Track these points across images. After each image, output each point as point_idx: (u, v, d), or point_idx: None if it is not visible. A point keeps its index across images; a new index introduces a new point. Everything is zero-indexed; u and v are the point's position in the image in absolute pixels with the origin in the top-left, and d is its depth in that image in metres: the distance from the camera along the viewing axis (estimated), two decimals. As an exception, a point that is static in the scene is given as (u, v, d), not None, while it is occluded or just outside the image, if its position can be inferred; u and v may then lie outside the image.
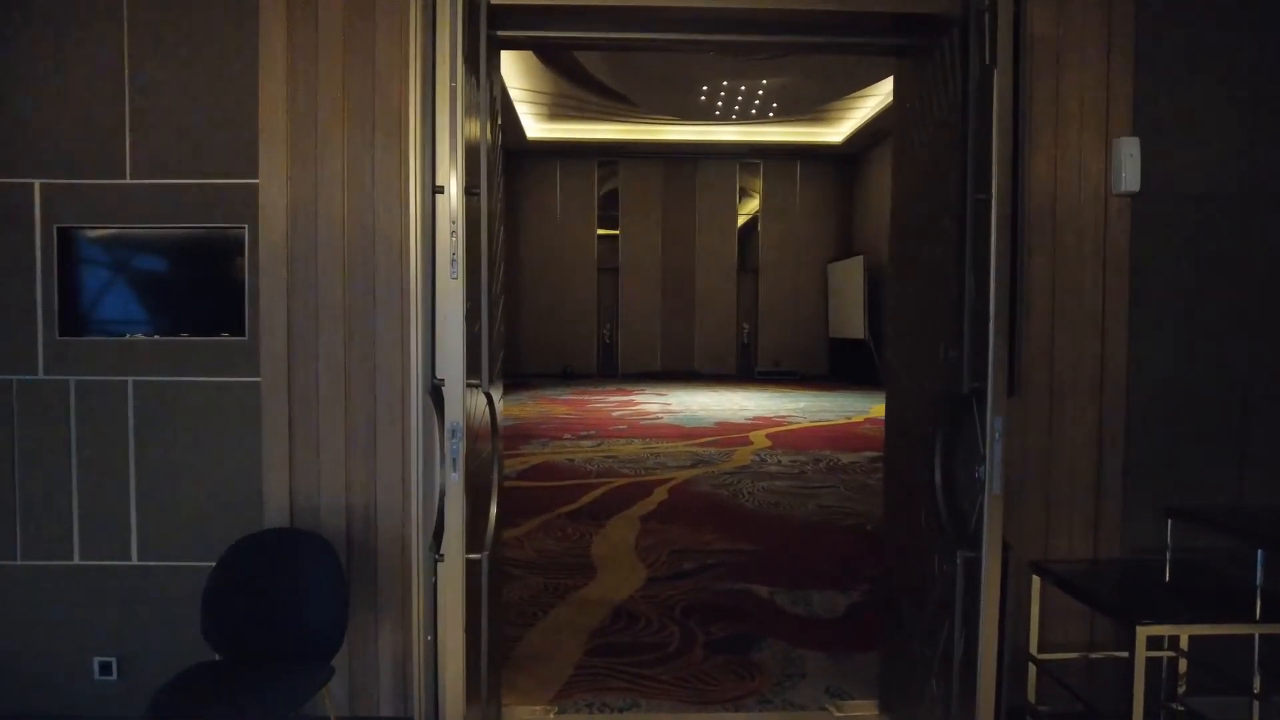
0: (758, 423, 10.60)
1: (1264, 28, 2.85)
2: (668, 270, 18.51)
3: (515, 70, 13.12)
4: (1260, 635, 2.45)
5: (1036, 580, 2.64)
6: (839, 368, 17.46)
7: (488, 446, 2.53)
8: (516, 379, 16.57)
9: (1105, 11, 2.72)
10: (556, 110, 15.43)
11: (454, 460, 2.11)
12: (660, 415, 11.36)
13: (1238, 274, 2.89)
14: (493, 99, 2.56)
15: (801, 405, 12.72)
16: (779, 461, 7.80)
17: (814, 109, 15.04)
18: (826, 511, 5.83)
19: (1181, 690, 2.78)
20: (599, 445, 8.67)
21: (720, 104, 14.27)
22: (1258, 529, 2.60)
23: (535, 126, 16.29)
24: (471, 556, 2.20)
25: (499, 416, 2.46)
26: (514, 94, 14.13)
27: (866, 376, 15.04)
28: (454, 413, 2.11)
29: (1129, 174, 2.69)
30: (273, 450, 2.71)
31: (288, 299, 2.69)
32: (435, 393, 2.19)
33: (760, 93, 13.62)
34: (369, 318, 2.69)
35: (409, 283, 2.60)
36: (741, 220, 18.75)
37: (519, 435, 9.32)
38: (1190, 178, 2.84)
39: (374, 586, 2.74)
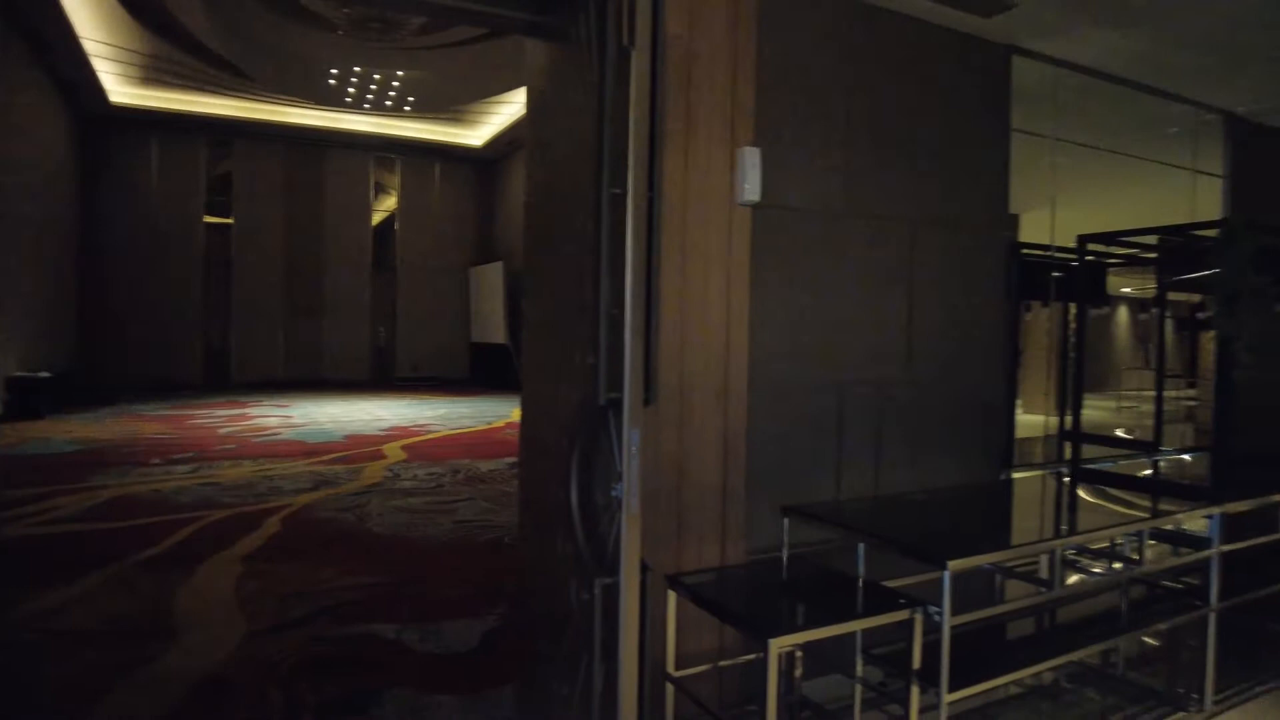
0: (393, 434, 9.90)
1: (856, 59, 3.12)
2: (292, 266, 16.72)
3: (90, 19, 10.74)
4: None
5: (673, 596, 2.56)
6: (481, 373, 17.28)
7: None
8: (98, 393, 13.57)
9: (732, 20, 2.74)
10: (151, 75, 13.03)
11: None
12: (280, 430, 10.08)
13: (835, 288, 3.13)
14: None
15: (441, 412, 12.24)
16: (414, 475, 7.27)
17: (452, 108, 14.66)
18: (463, 527, 5.47)
19: (799, 675, 2.92)
20: (197, 470, 7.33)
21: (352, 90, 13.20)
22: (858, 522, 2.80)
23: (122, 90, 13.62)
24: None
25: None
26: (90, 47, 11.59)
27: (508, 381, 15.05)
28: None
29: (751, 184, 2.73)
30: None
31: None
32: None
33: (395, 84, 12.86)
34: None
35: None
36: (378, 217, 17.67)
37: (88, 464, 7.53)
38: (801, 192, 3.00)
39: None
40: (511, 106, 14.13)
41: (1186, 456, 4.76)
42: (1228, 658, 3.54)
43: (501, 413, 12.12)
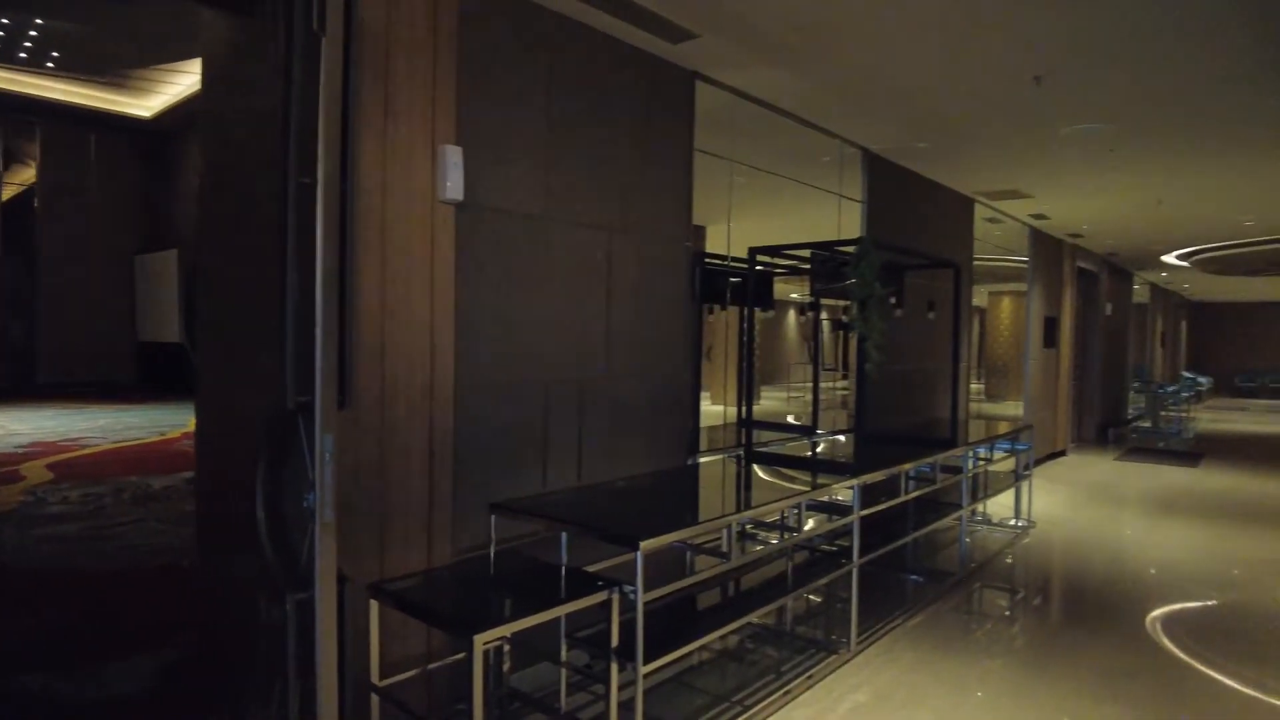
0: (35, 450, 8.35)
1: (558, 68, 3.24)
2: (-117, 248, 13.37)
3: None
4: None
5: (375, 605, 2.47)
6: (152, 376, 15.16)
7: None
8: None
9: (432, 14, 2.70)
10: None
11: None
12: None
13: (540, 289, 3.22)
14: None
15: (101, 423, 10.56)
16: (65, 499, 6.20)
17: (113, 70, 12.67)
18: (132, 553, 4.79)
19: (507, 669, 2.97)
20: None
21: (-32, 35, 10.87)
22: (562, 512, 2.92)
23: None
24: None
25: None
26: None
27: (186, 386, 13.37)
28: None
29: (453, 182, 2.72)
30: None
31: None
32: None
33: (34, 34, 10.82)
34: None
35: None
36: (10, 192, 14.75)
37: None
38: (503, 193, 3.05)
39: None
40: (191, 76, 12.56)
41: (841, 437, 5.59)
42: (867, 605, 4.23)
43: (178, 421, 10.76)
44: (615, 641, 2.46)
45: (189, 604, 3.89)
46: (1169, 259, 12.23)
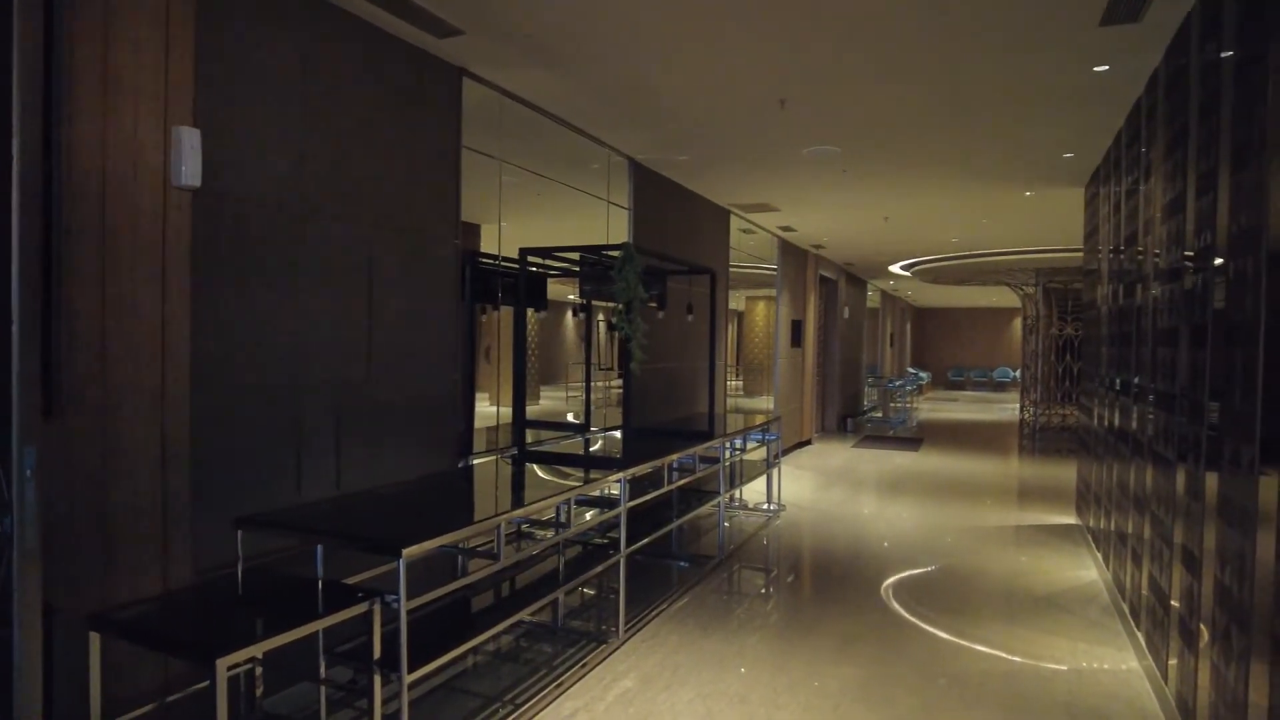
0: None
1: (313, 53, 3.06)
2: None
3: None
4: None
5: (96, 637, 2.20)
6: None
7: None
8: None
9: (158, -18, 2.45)
10: None
11: None
12: None
13: (294, 286, 3.03)
14: None
15: None
16: None
17: None
18: None
19: (259, 693, 2.77)
20: None
21: None
22: (316, 525, 2.77)
23: None
24: None
25: None
26: None
27: None
28: None
29: (190, 167, 2.49)
30: None
31: None
32: None
33: None
34: None
35: None
36: None
37: None
38: (250, 180, 2.83)
39: None
40: None
41: (616, 433, 5.77)
42: (636, 592, 4.42)
43: None
44: (377, 653, 2.38)
45: None
46: (895, 269, 13.92)
